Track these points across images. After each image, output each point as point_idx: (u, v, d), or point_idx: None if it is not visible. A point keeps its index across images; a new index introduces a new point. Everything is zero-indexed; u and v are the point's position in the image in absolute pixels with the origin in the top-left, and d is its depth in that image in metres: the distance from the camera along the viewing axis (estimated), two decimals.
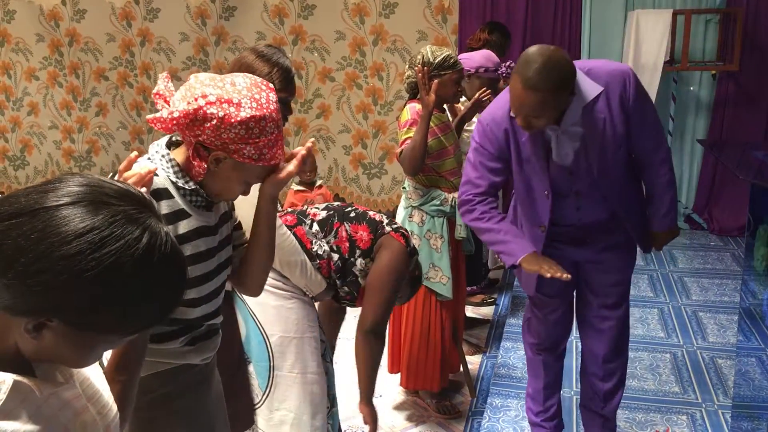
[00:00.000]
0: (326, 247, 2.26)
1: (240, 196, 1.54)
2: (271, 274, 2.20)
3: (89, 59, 6.26)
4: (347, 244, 2.27)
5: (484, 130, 2.32)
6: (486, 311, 4.30)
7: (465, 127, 3.50)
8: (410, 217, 3.02)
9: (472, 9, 5.40)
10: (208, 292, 1.53)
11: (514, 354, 3.56)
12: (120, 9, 6.04)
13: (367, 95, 5.80)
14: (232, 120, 1.37)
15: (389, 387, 3.37)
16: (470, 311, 4.20)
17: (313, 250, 2.26)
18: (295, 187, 4.59)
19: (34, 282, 0.82)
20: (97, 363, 1.11)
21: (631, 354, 3.43)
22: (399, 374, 3.24)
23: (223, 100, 1.38)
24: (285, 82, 2.11)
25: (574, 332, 3.77)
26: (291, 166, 1.60)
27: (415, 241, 2.99)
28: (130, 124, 6.36)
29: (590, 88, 2.18)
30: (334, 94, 5.85)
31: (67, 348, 0.90)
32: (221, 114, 1.37)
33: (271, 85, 1.47)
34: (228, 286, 2.25)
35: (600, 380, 2.64)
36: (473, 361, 3.61)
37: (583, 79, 2.18)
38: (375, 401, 3.29)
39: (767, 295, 2.06)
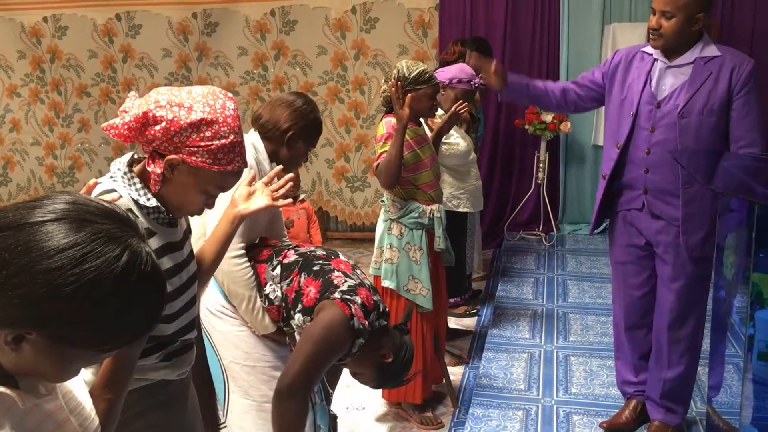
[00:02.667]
0: (279, 293, 2.15)
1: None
2: (221, 301, 2.20)
3: (71, 75, 6.26)
4: (293, 295, 2.11)
5: (616, 53, 2.74)
6: (469, 322, 4.33)
7: (443, 140, 3.54)
8: (389, 230, 3.05)
9: (451, 23, 5.46)
10: (180, 307, 1.54)
11: (495, 364, 3.58)
12: (102, 25, 6.05)
13: (349, 109, 5.84)
14: (182, 122, 1.39)
15: (372, 399, 3.38)
16: (453, 322, 4.22)
17: (266, 291, 2.16)
18: None
19: (15, 294, 0.84)
20: (81, 376, 1.13)
21: (610, 362, 3.47)
22: None
23: (173, 104, 1.40)
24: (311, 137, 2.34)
25: (556, 341, 3.81)
26: (264, 200, 1.69)
27: (394, 254, 3.02)
28: (113, 140, 6.35)
29: (711, 50, 2.52)
30: (316, 104, 5.87)
31: (46, 361, 0.92)
32: (170, 116, 1.39)
33: (230, 95, 1.49)
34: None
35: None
36: (456, 372, 3.63)
37: (709, 42, 2.53)
38: (358, 413, 3.32)
39: (736, 302, 2.10)
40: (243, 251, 2.15)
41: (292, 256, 2.19)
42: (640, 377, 2.93)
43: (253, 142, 2.25)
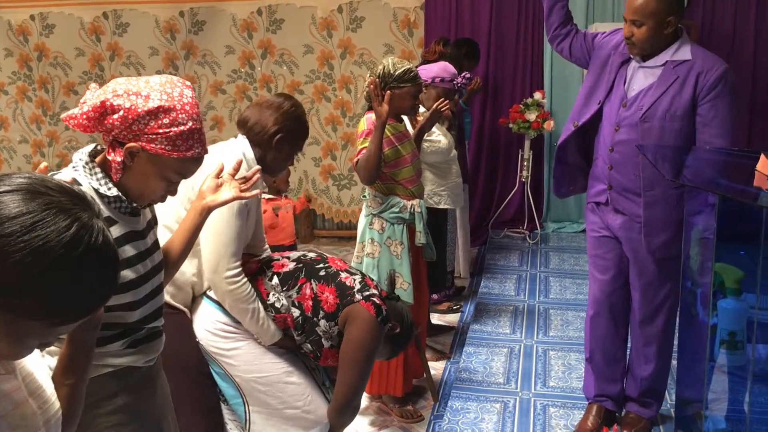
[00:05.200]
0: (285, 302, 2.18)
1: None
2: (222, 319, 2.21)
3: (58, 74, 6.28)
4: (311, 303, 2.17)
5: (615, 34, 2.70)
6: (452, 319, 4.37)
7: (425, 137, 3.58)
8: (371, 225, 3.09)
9: (437, 23, 5.51)
10: (144, 295, 1.56)
11: (476, 358, 3.63)
12: (89, 23, 6.08)
13: (336, 108, 5.88)
14: (139, 110, 1.42)
15: None
16: (436, 319, 4.27)
17: (269, 301, 2.19)
18: (266, 195, 4.65)
19: None
20: (42, 360, 1.15)
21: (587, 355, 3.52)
22: None
23: (130, 93, 1.43)
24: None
25: (536, 336, 3.86)
26: (231, 193, 1.70)
27: (375, 248, 3.06)
28: (101, 137, 6.37)
29: (684, 52, 2.48)
30: (303, 107, 5.91)
31: None
32: (127, 105, 1.41)
33: (188, 83, 1.52)
34: (184, 308, 2.26)
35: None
36: (437, 367, 3.68)
37: (685, 43, 2.50)
38: None
39: (701, 292, 2.15)
40: (239, 269, 2.15)
41: (289, 265, 2.23)
42: (602, 387, 2.92)
43: (243, 150, 2.22)
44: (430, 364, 3.50)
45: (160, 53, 6.02)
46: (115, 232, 1.48)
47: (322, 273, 2.20)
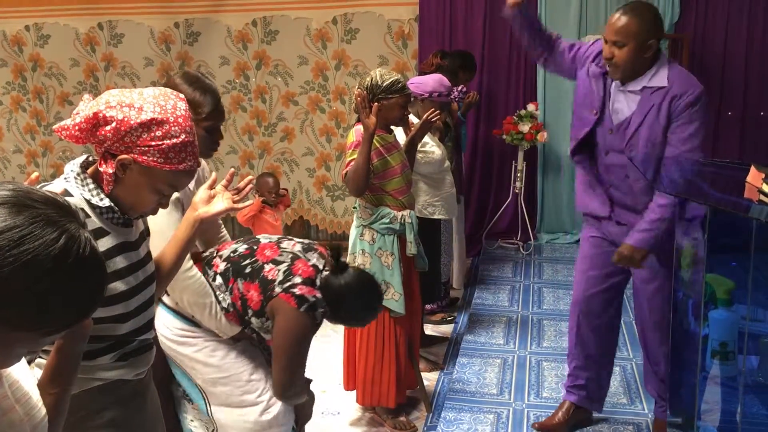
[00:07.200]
0: (229, 300, 2.20)
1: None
2: (178, 325, 2.22)
3: (53, 84, 6.28)
4: (240, 303, 2.19)
5: (594, 45, 2.72)
6: (445, 329, 4.36)
7: (419, 149, 3.59)
8: (361, 236, 3.09)
9: (431, 35, 5.54)
10: (135, 306, 1.55)
11: (469, 369, 3.63)
12: (84, 34, 6.08)
13: (330, 119, 5.89)
14: (132, 122, 1.41)
15: (346, 404, 3.41)
16: (430, 329, 4.27)
17: (218, 300, 2.21)
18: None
19: None
20: (27, 368, 1.15)
21: None
22: (355, 391, 3.28)
23: (123, 105, 1.43)
24: (211, 107, 2.13)
25: (529, 347, 3.86)
26: (224, 204, 1.70)
27: (366, 259, 3.06)
28: (94, 148, 6.36)
29: (660, 78, 2.51)
30: (297, 118, 5.93)
31: None
32: (120, 116, 1.41)
33: (182, 96, 1.51)
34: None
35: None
36: (430, 378, 3.67)
37: (663, 67, 2.52)
38: (333, 418, 3.34)
39: (692, 302, 2.15)
40: (190, 261, 2.16)
41: (221, 265, 2.23)
42: (575, 379, 3.01)
43: None
44: (424, 375, 3.50)
45: (155, 64, 6.02)
46: (107, 243, 1.48)
47: (247, 270, 2.18)
